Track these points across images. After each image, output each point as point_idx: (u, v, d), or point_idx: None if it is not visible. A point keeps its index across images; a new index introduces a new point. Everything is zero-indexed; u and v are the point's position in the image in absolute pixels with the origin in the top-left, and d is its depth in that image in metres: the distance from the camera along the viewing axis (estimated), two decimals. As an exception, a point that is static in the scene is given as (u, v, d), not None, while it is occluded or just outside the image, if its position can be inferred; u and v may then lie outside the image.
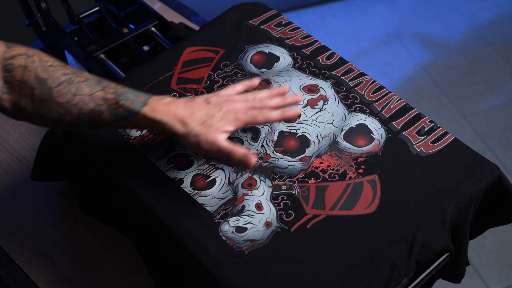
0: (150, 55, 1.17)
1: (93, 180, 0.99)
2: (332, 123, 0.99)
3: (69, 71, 0.85)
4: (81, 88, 0.84)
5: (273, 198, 0.91)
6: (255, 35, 1.11)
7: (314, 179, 0.92)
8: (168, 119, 0.86)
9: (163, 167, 0.94)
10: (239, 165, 0.91)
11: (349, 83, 1.04)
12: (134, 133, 0.97)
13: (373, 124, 0.99)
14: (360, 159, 0.95)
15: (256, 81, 0.97)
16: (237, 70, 1.05)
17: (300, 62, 1.07)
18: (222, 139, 0.87)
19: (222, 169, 0.93)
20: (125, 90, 0.86)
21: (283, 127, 0.98)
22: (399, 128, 0.98)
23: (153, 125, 0.87)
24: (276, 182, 0.92)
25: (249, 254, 0.85)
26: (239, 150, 0.87)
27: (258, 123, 0.90)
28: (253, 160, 0.88)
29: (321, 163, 0.94)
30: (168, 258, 0.91)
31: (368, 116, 1.00)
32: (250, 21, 1.13)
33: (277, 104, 0.93)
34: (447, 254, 0.90)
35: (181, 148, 0.96)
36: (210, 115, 0.87)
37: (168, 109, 0.86)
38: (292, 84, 1.03)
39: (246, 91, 0.95)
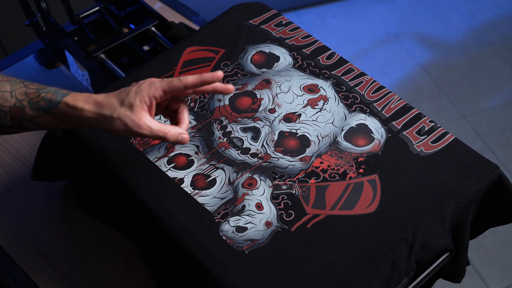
0: (150, 55, 1.17)
1: (93, 180, 0.99)
2: (332, 123, 0.99)
3: None
4: (2, 86, 0.84)
5: (274, 198, 0.91)
6: (255, 35, 1.11)
7: (314, 179, 0.92)
8: (89, 106, 0.83)
9: (163, 167, 0.94)
10: (174, 143, 0.87)
11: (349, 83, 1.04)
12: (134, 133, 0.97)
13: (373, 124, 0.99)
14: (360, 159, 0.95)
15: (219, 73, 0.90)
16: (237, 70, 1.05)
17: (300, 62, 1.07)
18: (150, 120, 0.84)
19: (222, 169, 0.93)
20: (47, 86, 0.85)
21: (284, 127, 0.98)
22: (399, 128, 0.98)
23: (76, 115, 0.84)
24: (276, 182, 0.92)
25: (249, 254, 0.85)
26: (173, 131, 0.84)
27: (175, 87, 0.85)
28: (187, 138, 0.85)
29: (322, 163, 0.94)
30: (168, 258, 0.91)
31: (368, 116, 1.00)
32: (250, 21, 1.13)
33: (193, 79, 0.87)
34: (447, 254, 0.90)
35: (182, 148, 0.96)
36: (126, 93, 0.84)
37: (89, 97, 0.84)
38: (292, 84, 1.03)
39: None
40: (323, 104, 1.01)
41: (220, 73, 0.86)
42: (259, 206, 0.90)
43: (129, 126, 0.83)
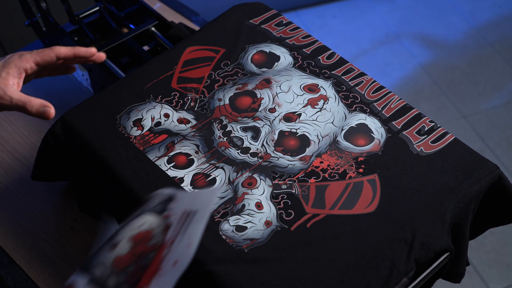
0: (150, 55, 1.17)
1: (93, 180, 0.99)
2: (332, 122, 0.99)
3: None
4: None
5: (273, 197, 0.91)
6: (256, 34, 1.11)
7: (314, 178, 0.92)
8: None
9: (163, 166, 0.94)
10: (38, 114, 0.85)
11: (349, 82, 1.04)
12: (135, 132, 0.97)
13: (373, 124, 0.99)
14: (360, 159, 0.95)
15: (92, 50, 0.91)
16: (238, 70, 1.05)
17: (300, 62, 1.07)
18: (12, 91, 0.82)
19: (222, 168, 0.93)
20: None
21: (284, 126, 0.98)
22: (399, 127, 0.99)
23: None
24: (276, 181, 0.92)
25: (249, 253, 0.85)
26: (34, 102, 0.82)
27: (46, 57, 0.84)
28: (51, 112, 0.83)
29: (321, 162, 0.94)
30: (168, 258, 0.91)
31: (368, 115, 1.00)
32: (250, 21, 1.13)
33: (66, 50, 0.88)
34: (447, 254, 0.90)
35: (182, 147, 0.96)
36: None
37: None
38: (292, 84, 1.03)
39: None
40: (323, 103, 1.01)
41: (93, 50, 0.88)
42: (259, 206, 0.90)
43: None
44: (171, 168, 0.94)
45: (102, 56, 0.88)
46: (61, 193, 1.09)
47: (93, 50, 0.88)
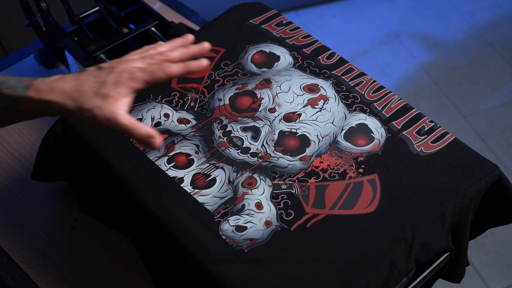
0: (150, 55, 1.17)
1: (93, 180, 0.99)
2: (332, 122, 0.99)
3: None
4: None
5: (273, 197, 0.91)
6: (256, 34, 1.11)
7: (314, 178, 0.92)
8: (56, 97, 0.75)
9: (163, 166, 0.94)
10: (142, 142, 0.78)
11: (349, 82, 1.04)
12: (134, 132, 0.97)
13: (373, 124, 0.99)
14: (360, 159, 0.95)
15: (190, 36, 0.84)
16: (238, 69, 1.05)
17: (300, 62, 1.07)
18: (121, 114, 0.75)
19: (222, 168, 0.93)
20: (6, 78, 0.76)
21: (284, 126, 0.98)
22: (399, 127, 0.98)
23: (43, 108, 0.76)
24: (276, 181, 0.92)
25: (249, 253, 0.85)
26: (142, 128, 0.76)
27: (158, 79, 0.78)
28: (158, 142, 0.76)
29: (321, 162, 0.94)
30: (167, 257, 0.91)
31: (368, 115, 1.00)
32: (250, 21, 1.13)
33: (179, 56, 0.81)
34: (447, 254, 0.90)
35: (182, 147, 0.96)
36: (101, 82, 0.76)
37: (54, 86, 0.75)
38: (292, 84, 1.03)
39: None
40: (323, 103, 1.01)
41: (204, 62, 0.81)
42: (259, 206, 0.90)
43: (98, 118, 0.75)
44: (171, 168, 0.94)
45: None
46: (61, 193, 1.09)
47: (204, 62, 0.81)
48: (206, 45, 0.82)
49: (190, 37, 0.84)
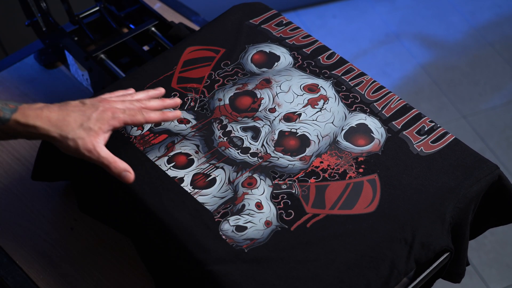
0: (150, 55, 1.17)
1: (93, 180, 0.99)
2: (332, 122, 0.99)
3: None
4: None
5: (273, 197, 0.91)
6: (256, 34, 1.11)
7: (314, 178, 0.92)
8: (41, 123, 0.83)
9: (163, 166, 0.94)
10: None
11: (349, 82, 1.04)
12: (135, 132, 0.97)
13: (373, 124, 0.99)
14: (360, 159, 0.95)
15: (161, 89, 0.97)
16: (238, 70, 1.05)
17: (300, 62, 1.07)
18: (101, 147, 0.85)
19: (222, 168, 0.93)
20: None
21: (284, 126, 0.98)
22: (399, 127, 0.98)
23: (27, 131, 0.83)
24: (276, 181, 0.92)
25: (249, 253, 0.85)
26: (119, 164, 0.86)
27: (137, 122, 0.88)
28: (132, 177, 0.86)
29: (321, 162, 0.94)
30: (167, 257, 0.91)
31: (369, 115, 1.00)
32: (250, 21, 1.13)
33: (155, 106, 0.92)
34: (447, 254, 0.90)
35: (182, 147, 0.96)
36: (86, 116, 0.85)
37: (40, 113, 0.83)
38: (292, 84, 1.03)
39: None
40: (323, 103, 1.01)
41: (179, 113, 0.93)
42: (259, 206, 0.90)
43: (80, 148, 0.84)
44: (171, 168, 0.94)
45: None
46: (61, 193, 1.09)
47: (178, 113, 0.93)
48: (178, 101, 0.95)
49: (162, 90, 0.96)
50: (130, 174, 0.87)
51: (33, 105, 0.84)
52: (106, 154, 0.85)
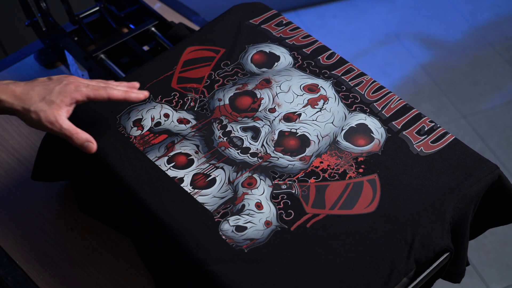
0: (150, 55, 1.17)
1: (93, 180, 0.99)
2: (332, 122, 0.99)
3: None
4: None
5: (273, 197, 0.91)
6: (256, 34, 1.11)
7: (314, 178, 0.92)
8: (6, 97, 0.87)
9: (163, 166, 0.94)
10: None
11: (349, 82, 1.04)
12: (135, 132, 0.97)
13: (373, 124, 0.99)
14: (360, 159, 0.95)
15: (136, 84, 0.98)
16: (238, 70, 1.06)
17: (300, 62, 1.07)
18: (63, 119, 0.88)
19: (222, 168, 0.93)
20: None
21: (284, 126, 0.98)
22: (399, 127, 0.99)
23: None
24: (276, 182, 0.92)
25: (249, 253, 0.85)
26: (81, 135, 0.89)
27: (100, 97, 0.90)
28: (95, 147, 0.90)
29: (321, 162, 0.94)
30: (167, 257, 0.91)
31: (368, 115, 1.00)
32: (250, 21, 1.13)
33: (120, 89, 0.94)
34: (447, 254, 0.90)
35: (182, 147, 0.96)
36: (49, 90, 0.88)
37: (6, 88, 0.87)
38: (292, 84, 1.03)
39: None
40: (323, 103, 1.01)
41: (141, 96, 0.94)
42: (259, 206, 0.90)
43: (42, 120, 0.87)
44: (171, 168, 0.94)
45: (146, 95, 0.95)
46: (61, 193, 1.09)
47: (141, 96, 0.94)
48: (146, 93, 0.96)
49: (136, 84, 0.98)
50: (92, 144, 0.90)
51: (2, 81, 0.88)
52: (68, 126, 0.88)
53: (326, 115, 1.00)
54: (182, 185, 0.92)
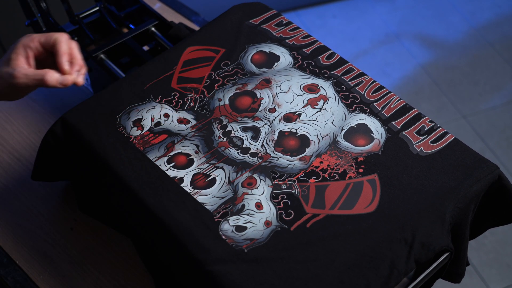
0: (150, 55, 1.17)
1: (93, 180, 0.99)
2: (332, 122, 0.99)
3: None
4: None
5: (273, 197, 0.91)
6: (256, 34, 1.11)
7: (314, 178, 0.92)
8: None
9: (163, 166, 0.94)
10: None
11: (349, 82, 1.04)
12: (135, 132, 0.97)
13: (373, 124, 0.99)
14: (360, 159, 0.95)
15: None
16: (238, 70, 1.06)
17: (300, 62, 1.07)
18: (22, 68, 0.86)
19: (222, 168, 0.94)
20: None
21: (283, 126, 0.98)
22: (399, 127, 0.99)
23: None
24: (276, 182, 0.92)
25: (249, 253, 0.85)
26: (51, 73, 0.85)
27: (48, 40, 0.88)
28: (77, 80, 0.87)
29: (321, 162, 0.94)
30: (167, 257, 0.91)
31: (368, 115, 1.00)
32: (250, 21, 1.13)
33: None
34: (447, 254, 0.90)
35: (182, 147, 0.96)
36: (6, 53, 0.88)
37: None
38: (292, 84, 1.03)
39: None
40: (323, 103, 1.01)
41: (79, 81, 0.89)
42: (259, 206, 0.90)
43: (6, 80, 0.85)
44: (171, 168, 0.94)
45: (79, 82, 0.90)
46: (61, 193, 1.09)
47: (70, 78, 0.89)
48: (80, 81, 0.90)
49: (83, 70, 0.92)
50: (68, 77, 0.86)
51: None
52: (33, 72, 0.86)
53: (326, 115, 1.00)
54: (182, 185, 0.92)
